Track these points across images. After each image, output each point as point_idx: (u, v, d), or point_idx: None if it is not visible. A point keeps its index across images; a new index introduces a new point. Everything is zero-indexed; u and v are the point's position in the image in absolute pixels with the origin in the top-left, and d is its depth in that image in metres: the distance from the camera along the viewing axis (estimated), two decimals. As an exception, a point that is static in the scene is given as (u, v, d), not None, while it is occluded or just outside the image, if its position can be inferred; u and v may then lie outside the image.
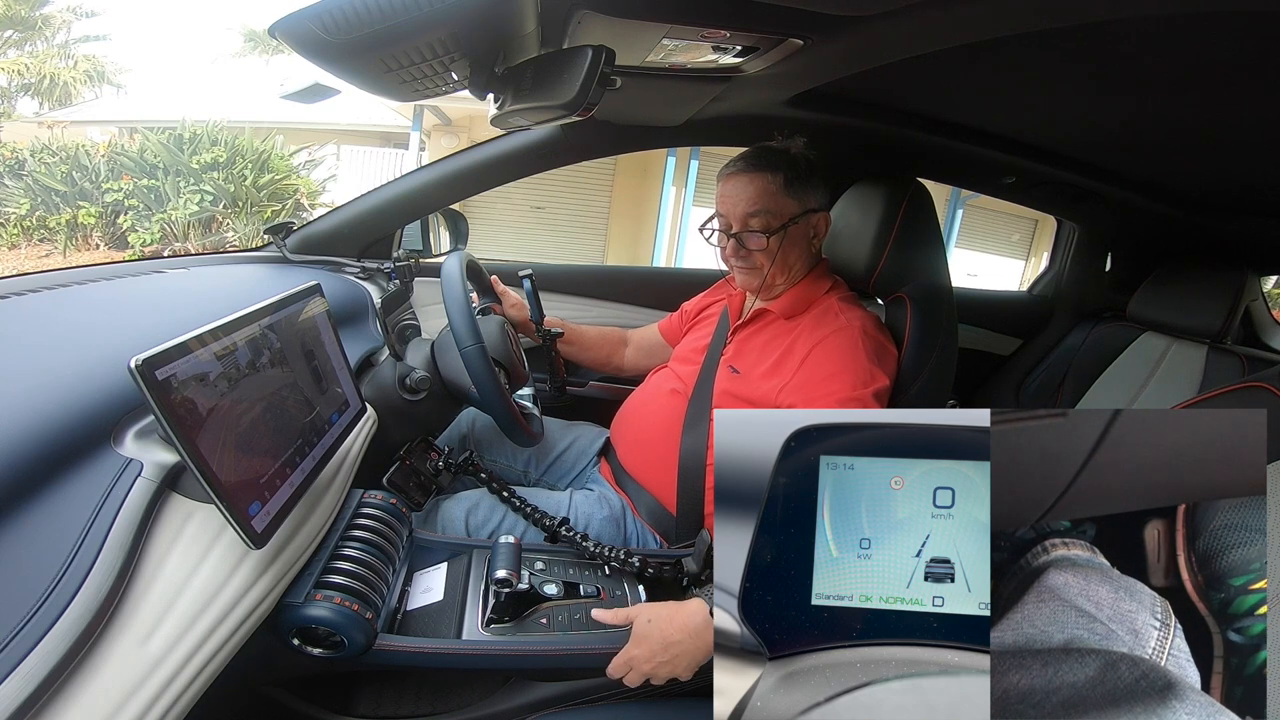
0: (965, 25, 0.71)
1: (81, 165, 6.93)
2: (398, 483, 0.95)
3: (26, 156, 7.11)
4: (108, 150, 7.08)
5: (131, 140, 7.32)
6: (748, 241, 1.03)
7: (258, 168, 6.92)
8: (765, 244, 1.02)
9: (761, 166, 1.02)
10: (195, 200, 6.62)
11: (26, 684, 0.38)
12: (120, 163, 6.87)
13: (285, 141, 7.37)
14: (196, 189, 6.66)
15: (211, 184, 6.66)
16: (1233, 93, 0.84)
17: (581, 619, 0.78)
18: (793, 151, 1.04)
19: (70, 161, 6.94)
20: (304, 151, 7.64)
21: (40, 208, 6.93)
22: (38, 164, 6.97)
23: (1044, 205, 1.67)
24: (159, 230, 6.68)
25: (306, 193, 7.32)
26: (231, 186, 6.69)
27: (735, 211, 1.03)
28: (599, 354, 1.37)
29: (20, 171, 7.09)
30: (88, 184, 6.85)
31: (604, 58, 0.67)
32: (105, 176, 6.85)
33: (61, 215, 6.87)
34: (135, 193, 6.73)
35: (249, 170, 6.85)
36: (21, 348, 0.63)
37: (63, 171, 6.89)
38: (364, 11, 0.56)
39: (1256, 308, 1.77)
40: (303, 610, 0.63)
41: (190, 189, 6.66)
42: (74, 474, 0.50)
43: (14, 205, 6.92)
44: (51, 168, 6.93)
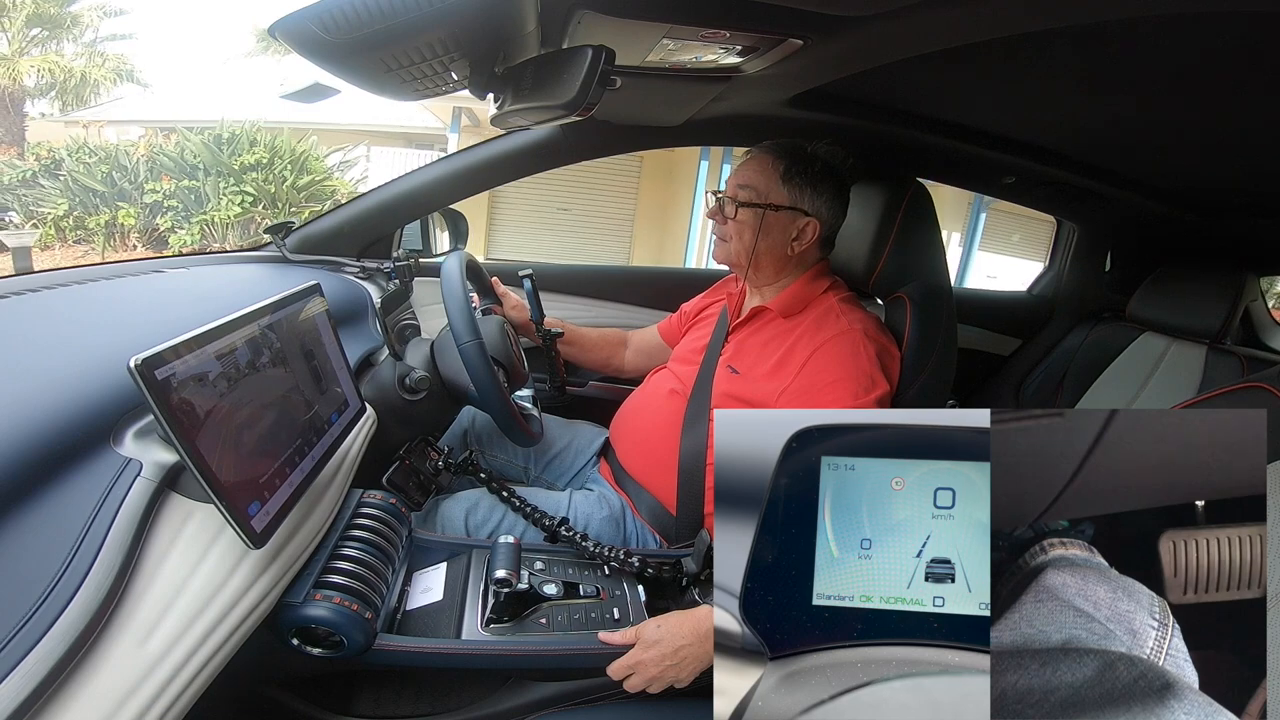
0: (965, 25, 0.71)
1: (121, 165, 6.83)
2: (397, 482, 0.95)
3: (64, 156, 6.98)
4: (148, 150, 6.98)
5: (166, 140, 7.23)
6: (725, 208, 1.06)
7: (297, 169, 6.88)
8: (736, 214, 1.04)
9: (773, 150, 1.05)
10: (237, 202, 6.55)
11: (26, 684, 0.38)
12: (160, 163, 6.78)
13: (319, 142, 7.34)
14: (238, 190, 6.59)
15: (252, 185, 6.61)
16: (1232, 93, 0.84)
17: (581, 619, 0.78)
18: (809, 149, 1.05)
19: (110, 161, 6.83)
20: (338, 153, 7.59)
21: (78, 208, 6.82)
22: (76, 164, 6.84)
23: (1044, 205, 1.67)
24: (199, 231, 6.61)
25: (344, 194, 7.29)
26: (272, 188, 6.65)
27: (732, 180, 1.07)
28: (599, 355, 1.37)
29: (57, 172, 6.97)
30: (127, 184, 6.76)
31: (604, 58, 0.67)
32: (145, 177, 6.75)
33: (100, 216, 6.76)
34: (176, 194, 6.66)
35: (288, 171, 6.80)
36: (21, 348, 0.63)
37: (103, 171, 6.78)
38: (364, 11, 0.56)
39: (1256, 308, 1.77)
40: (302, 610, 0.63)
41: (232, 190, 6.59)
42: (73, 474, 0.50)
43: (51, 205, 6.80)
44: (91, 168, 6.81)
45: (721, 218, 1.06)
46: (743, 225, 1.04)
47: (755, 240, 1.03)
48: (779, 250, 1.05)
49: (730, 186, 1.06)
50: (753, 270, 1.07)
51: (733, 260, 1.07)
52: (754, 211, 1.03)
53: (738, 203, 1.04)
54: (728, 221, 1.05)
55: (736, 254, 1.06)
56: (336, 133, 7.92)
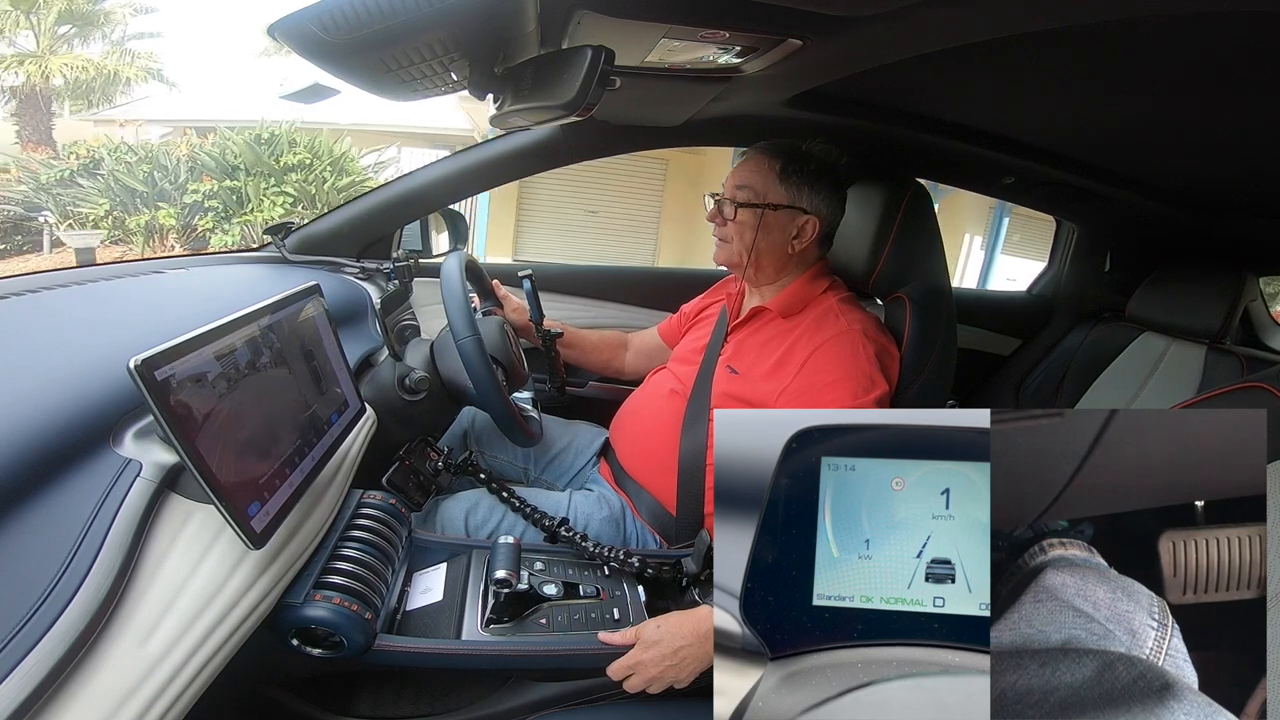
0: (965, 25, 0.71)
1: (162, 165, 6.72)
2: (397, 483, 0.95)
3: (104, 155, 6.84)
4: (189, 150, 6.88)
5: (204, 140, 7.12)
6: (725, 209, 1.06)
7: (336, 170, 6.81)
8: (735, 215, 1.04)
9: (768, 150, 1.05)
10: (279, 203, 6.46)
11: (26, 684, 0.38)
12: (201, 162, 6.68)
13: (354, 143, 7.28)
14: (279, 191, 6.51)
15: (293, 186, 6.54)
16: (1232, 93, 0.84)
17: (581, 619, 0.78)
18: (803, 148, 1.05)
19: (151, 161, 6.72)
20: (373, 154, 7.52)
21: (117, 208, 6.70)
22: (117, 163, 6.71)
23: (1044, 205, 1.67)
24: (239, 233, 6.54)
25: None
26: (312, 189, 6.58)
27: (729, 182, 1.07)
28: (600, 358, 1.37)
29: (95, 171, 6.84)
30: (168, 184, 6.66)
31: (604, 58, 0.67)
32: (186, 178, 6.65)
33: (140, 216, 6.64)
34: (218, 194, 6.56)
35: (328, 172, 6.72)
36: (21, 347, 0.63)
37: (145, 171, 6.66)
38: (363, 12, 0.56)
39: (1256, 308, 1.77)
40: (302, 610, 0.63)
41: (273, 191, 6.51)
42: (73, 474, 0.50)
43: (90, 205, 6.67)
44: (133, 167, 6.69)
45: (721, 220, 1.07)
46: (743, 226, 1.04)
47: (756, 240, 1.03)
48: (780, 249, 1.05)
49: (728, 188, 1.06)
50: (754, 270, 1.07)
51: (734, 261, 1.07)
52: (753, 212, 1.03)
53: (736, 204, 1.04)
54: (727, 223, 1.06)
55: (738, 254, 1.06)
56: (369, 134, 7.89)
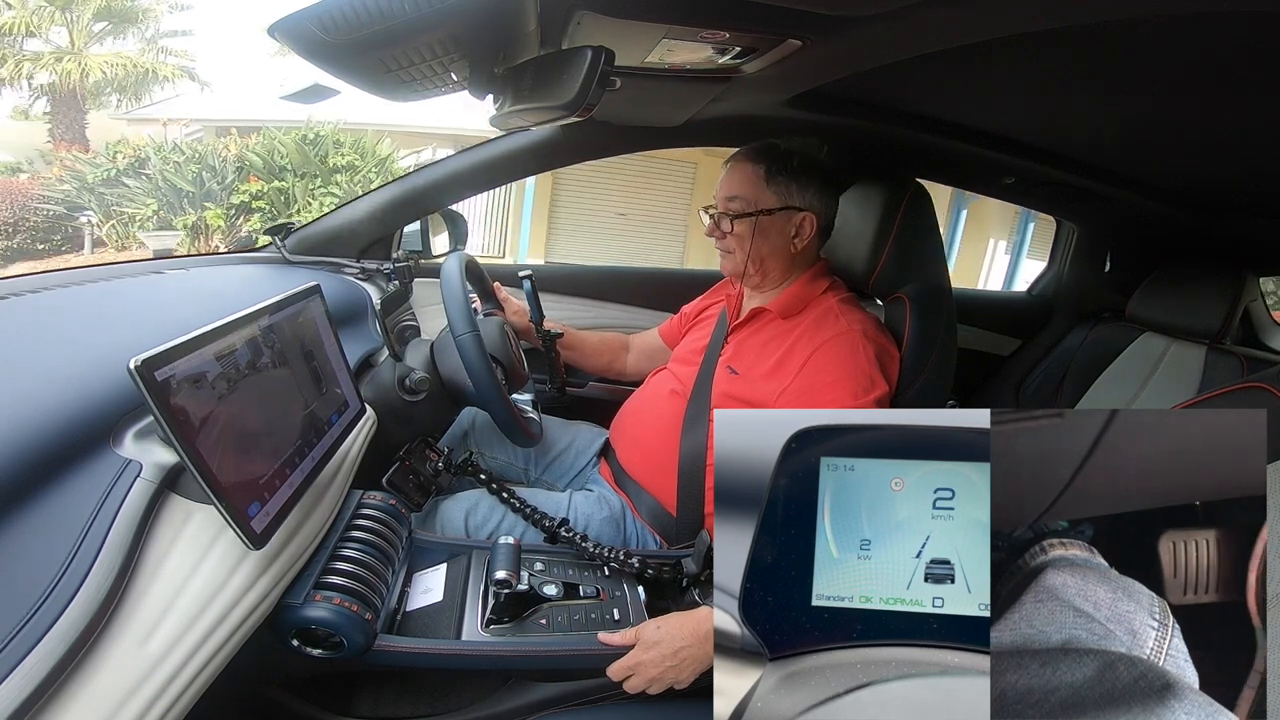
0: (965, 25, 0.71)
1: (210, 165, 6.69)
2: (397, 483, 0.95)
3: (150, 154, 6.79)
4: (238, 150, 6.85)
5: (247, 140, 7.08)
6: (721, 224, 1.07)
7: (382, 172, 6.79)
8: (732, 228, 1.05)
9: (750, 156, 1.05)
10: (326, 204, 6.43)
11: (26, 684, 0.38)
12: (250, 163, 6.65)
13: (394, 144, 7.27)
14: (326, 192, 6.49)
15: (339, 187, 6.53)
16: (1232, 93, 0.84)
17: (581, 620, 0.78)
18: (783, 146, 1.05)
19: (200, 161, 6.69)
20: (411, 156, 7.49)
21: (164, 208, 6.66)
22: (164, 163, 6.67)
23: (1044, 205, 1.67)
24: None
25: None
26: (359, 190, 6.54)
27: (719, 195, 1.08)
28: (601, 360, 1.37)
29: (141, 171, 6.78)
30: (215, 185, 6.64)
31: (604, 58, 0.67)
32: (234, 178, 6.62)
33: (187, 216, 6.60)
34: (265, 195, 6.53)
35: (374, 174, 6.70)
36: (21, 348, 0.63)
37: (194, 171, 6.63)
38: (363, 12, 0.56)
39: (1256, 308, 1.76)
40: (302, 611, 0.63)
41: (320, 192, 6.49)
42: (73, 474, 0.50)
43: (137, 205, 6.62)
44: (181, 167, 6.66)
45: (719, 234, 1.07)
46: (742, 237, 1.05)
47: (757, 247, 1.04)
48: (782, 251, 1.05)
49: (720, 202, 1.07)
50: (761, 276, 1.08)
51: (739, 270, 1.07)
52: (748, 220, 1.03)
53: (731, 216, 1.05)
54: (726, 236, 1.06)
55: (743, 264, 1.06)
56: (407, 135, 7.88)
